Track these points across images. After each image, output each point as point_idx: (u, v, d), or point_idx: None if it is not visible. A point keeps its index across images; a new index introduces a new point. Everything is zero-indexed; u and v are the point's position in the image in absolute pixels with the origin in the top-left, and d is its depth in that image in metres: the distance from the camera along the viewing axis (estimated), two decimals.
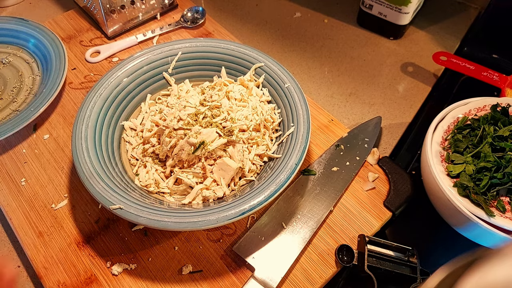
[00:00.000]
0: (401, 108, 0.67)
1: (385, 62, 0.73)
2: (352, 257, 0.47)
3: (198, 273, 0.48)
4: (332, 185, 0.54)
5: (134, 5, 0.73)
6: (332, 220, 0.52)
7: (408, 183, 0.54)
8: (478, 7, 0.82)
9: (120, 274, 0.47)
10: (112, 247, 0.49)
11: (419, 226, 0.56)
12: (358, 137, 0.59)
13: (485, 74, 0.65)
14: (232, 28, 0.79)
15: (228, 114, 0.52)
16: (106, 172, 0.48)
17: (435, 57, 0.68)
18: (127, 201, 0.45)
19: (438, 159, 0.50)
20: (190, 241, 0.50)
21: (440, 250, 0.52)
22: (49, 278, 0.47)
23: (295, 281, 0.47)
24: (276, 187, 0.46)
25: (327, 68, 0.73)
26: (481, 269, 0.19)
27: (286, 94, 0.55)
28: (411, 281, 0.46)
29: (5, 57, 0.69)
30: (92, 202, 0.53)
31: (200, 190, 0.49)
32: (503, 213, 0.45)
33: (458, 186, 0.47)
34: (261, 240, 0.49)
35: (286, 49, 0.76)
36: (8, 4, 0.83)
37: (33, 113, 0.58)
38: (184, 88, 0.59)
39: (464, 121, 0.52)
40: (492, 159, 0.46)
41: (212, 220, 0.43)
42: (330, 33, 0.79)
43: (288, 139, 0.52)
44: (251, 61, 0.59)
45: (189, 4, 0.79)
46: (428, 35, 0.78)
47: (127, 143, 0.55)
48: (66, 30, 0.75)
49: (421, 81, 0.70)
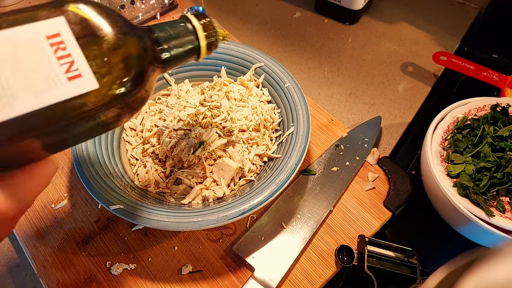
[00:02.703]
0: (401, 108, 0.67)
1: (385, 62, 0.73)
2: (352, 258, 0.47)
3: (198, 273, 0.48)
4: (332, 185, 0.54)
5: (134, 5, 0.73)
6: (332, 220, 0.52)
7: (408, 183, 0.54)
8: (478, 7, 0.82)
9: (120, 274, 0.47)
10: (112, 247, 0.49)
11: (419, 226, 0.56)
12: (358, 137, 0.59)
13: (485, 74, 0.65)
14: (232, 28, 0.79)
15: (228, 114, 0.52)
16: (106, 172, 0.48)
17: (435, 57, 0.68)
18: (127, 201, 0.45)
19: (438, 159, 0.50)
20: (190, 241, 0.50)
21: (440, 250, 0.52)
22: (49, 277, 0.47)
23: (295, 281, 0.47)
24: (276, 187, 0.46)
25: (327, 68, 0.73)
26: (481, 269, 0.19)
27: (286, 94, 0.55)
28: (411, 281, 0.46)
29: None
30: (92, 202, 0.53)
31: (199, 190, 0.49)
32: (503, 213, 0.45)
33: (458, 186, 0.47)
34: (261, 240, 0.49)
35: (286, 49, 0.76)
36: (7, 3, 0.82)
37: None
38: (184, 88, 0.59)
39: (464, 121, 0.52)
40: (492, 159, 0.46)
41: (212, 220, 0.43)
42: (330, 33, 0.79)
43: (288, 139, 0.52)
44: (251, 61, 0.59)
45: (189, 4, 0.79)
46: (428, 35, 0.78)
47: (126, 143, 0.55)
48: None
49: (421, 81, 0.70)
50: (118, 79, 0.28)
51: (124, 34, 0.30)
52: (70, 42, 0.27)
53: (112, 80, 0.28)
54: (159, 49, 0.34)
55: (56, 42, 0.27)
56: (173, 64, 0.36)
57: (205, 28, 0.37)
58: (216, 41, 0.38)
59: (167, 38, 0.34)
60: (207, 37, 0.37)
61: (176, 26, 0.36)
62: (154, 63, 0.33)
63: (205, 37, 0.37)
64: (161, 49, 0.34)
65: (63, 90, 0.26)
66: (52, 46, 0.27)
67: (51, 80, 0.26)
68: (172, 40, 0.35)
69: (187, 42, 0.36)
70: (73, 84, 0.27)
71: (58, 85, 0.26)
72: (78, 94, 0.27)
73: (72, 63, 0.27)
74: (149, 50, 0.32)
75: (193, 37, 0.36)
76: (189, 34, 0.36)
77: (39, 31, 0.27)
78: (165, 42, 0.34)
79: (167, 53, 0.35)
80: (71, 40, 0.27)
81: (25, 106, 0.25)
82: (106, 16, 0.29)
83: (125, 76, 0.29)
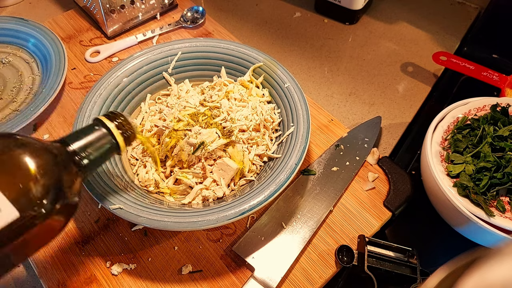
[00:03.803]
0: (401, 108, 0.67)
1: (385, 62, 0.73)
2: (352, 258, 0.47)
3: (198, 273, 0.48)
4: (332, 185, 0.54)
5: (134, 5, 0.73)
6: (332, 220, 0.52)
7: (408, 183, 0.54)
8: (478, 7, 0.82)
9: (120, 274, 0.47)
10: (112, 247, 0.49)
11: (419, 226, 0.56)
12: (358, 137, 0.59)
13: (485, 74, 0.65)
14: (232, 28, 0.79)
15: (228, 115, 0.52)
16: (106, 172, 0.48)
17: (435, 57, 0.68)
18: (127, 201, 0.45)
19: (438, 159, 0.50)
20: (190, 241, 0.50)
21: (440, 250, 0.52)
22: (49, 278, 0.47)
23: (295, 281, 0.47)
24: (276, 187, 0.46)
25: (327, 68, 0.73)
26: (481, 269, 0.19)
27: (286, 94, 0.55)
28: (411, 281, 0.46)
29: (5, 57, 0.69)
30: (92, 202, 0.53)
31: (200, 190, 0.49)
32: (503, 213, 0.45)
33: (458, 186, 0.47)
34: (261, 240, 0.49)
35: (286, 49, 0.76)
36: (7, 4, 0.83)
37: (33, 113, 0.58)
38: (184, 88, 0.59)
39: (464, 121, 0.52)
40: (492, 159, 0.46)
41: (212, 220, 0.43)
42: (330, 33, 0.79)
43: (288, 139, 0.52)
44: (251, 61, 0.59)
45: (189, 4, 0.79)
46: (428, 35, 0.78)
47: None
48: (66, 30, 0.75)
49: (421, 81, 0.70)
50: (38, 201, 0.29)
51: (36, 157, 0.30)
52: None
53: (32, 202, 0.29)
54: (77, 158, 0.35)
55: None
56: (95, 166, 0.38)
57: (119, 127, 0.39)
58: (132, 134, 0.40)
59: (83, 147, 0.36)
60: (123, 133, 0.39)
61: (91, 132, 0.37)
62: (74, 173, 0.34)
63: (121, 134, 0.39)
64: (80, 157, 0.35)
65: None
66: None
67: None
68: (89, 147, 0.36)
69: (104, 144, 0.38)
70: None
71: None
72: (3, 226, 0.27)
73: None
74: (66, 163, 0.34)
75: (110, 138, 0.38)
76: (105, 137, 0.38)
77: None
78: (82, 151, 0.36)
79: (87, 159, 0.36)
80: None
81: None
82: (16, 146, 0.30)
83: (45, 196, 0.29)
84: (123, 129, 0.39)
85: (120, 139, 0.39)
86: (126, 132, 0.39)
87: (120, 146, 0.39)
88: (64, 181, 0.32)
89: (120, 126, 0.39)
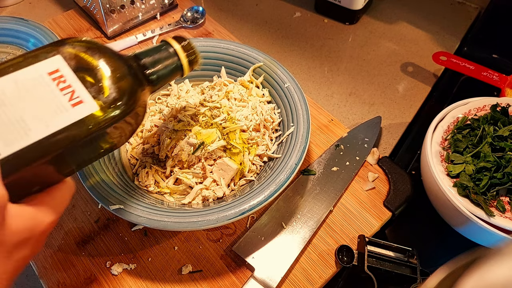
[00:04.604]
0: (401, 108, 0.67)
1: (385, 61, 0.73)
2: (352, 258, 0.47)
3: (198, 273, 0.48)
4: (332, 185, 0.54)
5: (134, 5, 0.73)
6: (332, 220, 0.52)
7: (408, 183, 0.54)
8: (478, 7, 0.82)
9: (120, 274, 0.47)
10: (112, 247, 0.49)
11: (419, 226, 0.56)
12: (358, 137, 0.59)
13: (485, 74, 0.65)
14: (232, 28, 0.79)
15: (228, 115, 0.52)
16: (106, 172, 0.48)
17: (435, 57, 0.68)
18: (127, 201, 0.45)
19: (438, 159, 0.50)
20: (190, 241, 0.50)
21: (440, 250, 0.52)
22: (49, 278, 0.47)
23: (295, 281, 0.47)
24: (276, 187, 0.46)
25: (327, 68, 0.73)
26: (481, 269, 0.19)
27: (286, 94, 0.55)
28: (411, 281, 0.46)
29: (5, 57, 0.69)
30: (92, 202, 0.53)
31: (200, 190, 0.49)
32: (503, 213, 0.45)
33: (458, 186, 0.47)
34: (261, 240, 0.49)
35: (286, 49, 0.76)
36: (7, 4, 0.83)
37: None
38: (184, 88, 0.59)
39: (464, 121, 0.52)
40: (492, 159, 0.46)
41: (212, 220, 0.43)
42: (330, 33, 0.79)
43: (288, 139, 0.52)
44: (251, 61, 0.59)
45: (189, 4, 0.79)
46: (428, 35, 0.78)
47: (127, 143, 0.55)
48: (66, 30, 0.75)
49: (421, 81, 0.70)
50: (114, 100, 0.34)
51: (114, 63, 0.35)
52: (69, 75, 0.32)
53: (109, 102, 0.33)
54: (147, 72, 0.39)
55: (57, 77, 0.32)
56: (161, 82, 0.41)
57: (185, 48, 0.42)
58: (196, 57, 0.43)
59: (152, 63, 0.40)
60: (188, 56, 0.42)
61: (159, 50, 0.41)
62: (144, 84, 0.38)
63: (186, 56, 0.42)
64: (148, 72, 0.39)
65: (70, 115, 0.31)
66: (54, 80, 0.32)
67: (58, 108, 0.31)
68: (157, 64, 0.40)
69: (171, 63, 0.41)
70: (77, 109, 0.32)
71: (64, 112, 0.31)
72: (82, 116, 0.32)
73: (73, 92, 0.32)
74: (138, 74, 0.38)
75: (176, 57, 0.42)
76: (171, 56, 0.41)
77: (40, 70, 0.32)
78: (152, 66, 0.40)
79: (154, 75, 0.40)
80: (69, 73, 0.33)
81: (39, 134, 0.29)
82: (96, 50, 0.35)
83: (120, 98, 0.34)
84: (188, 52, 0.42)
85: (184, 61, 0.42)
86: (190, 54, 0.42)
87: (184, 68, 0.42)
88: (135, 88, 0.36)
89: (185, 48, 0.42)
